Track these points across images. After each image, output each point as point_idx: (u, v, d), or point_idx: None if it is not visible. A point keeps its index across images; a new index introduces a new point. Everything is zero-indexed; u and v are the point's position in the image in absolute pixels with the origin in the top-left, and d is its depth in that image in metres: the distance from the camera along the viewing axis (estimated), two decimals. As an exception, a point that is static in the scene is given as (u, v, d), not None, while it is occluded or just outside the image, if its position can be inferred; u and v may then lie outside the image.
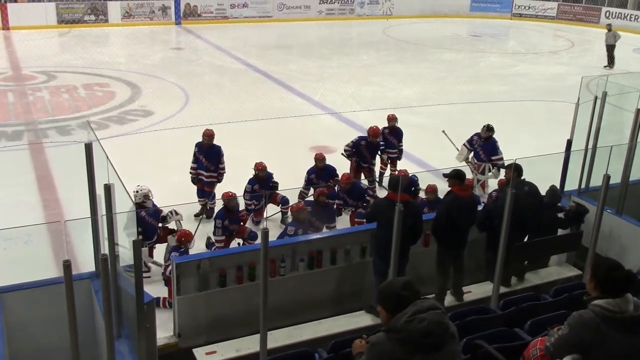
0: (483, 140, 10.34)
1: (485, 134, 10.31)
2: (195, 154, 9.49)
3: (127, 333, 5.24)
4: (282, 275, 6.77)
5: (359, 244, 7.09)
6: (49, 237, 7.96)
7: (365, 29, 29.49)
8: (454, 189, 6.92)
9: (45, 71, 18.85)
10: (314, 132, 13.87)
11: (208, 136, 9.50)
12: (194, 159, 9.49)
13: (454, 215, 6.76)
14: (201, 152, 9.44)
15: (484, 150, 10.32)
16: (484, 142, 10.34)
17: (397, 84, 18.75)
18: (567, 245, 7.51)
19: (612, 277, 3.43)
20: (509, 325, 4.75)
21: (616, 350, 3.32)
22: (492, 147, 10.30)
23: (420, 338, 2.93)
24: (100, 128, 13.37)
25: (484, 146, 10.33)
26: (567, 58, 24.00)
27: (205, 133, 9.53)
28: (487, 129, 10.30)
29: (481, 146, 10.36)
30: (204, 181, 9.48)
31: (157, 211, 8.18)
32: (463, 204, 6.84)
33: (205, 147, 9.46)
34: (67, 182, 10.14)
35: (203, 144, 9.48)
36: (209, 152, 9.43)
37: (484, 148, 10.32)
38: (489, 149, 10.30)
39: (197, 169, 9.48)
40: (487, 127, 10.32)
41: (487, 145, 10.32)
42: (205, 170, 9.44)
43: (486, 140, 10.32)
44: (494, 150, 10.28)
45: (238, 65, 20.91)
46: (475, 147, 10.45)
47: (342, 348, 4.48)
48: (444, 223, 6.81)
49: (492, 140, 10.32)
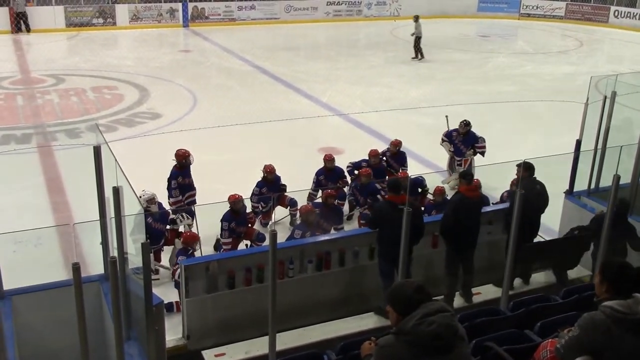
0: (462, 135, 10.73)
1: (463, 129, 10.74)
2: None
3: (136, 335, 5.25)
4: (291, 277, 6.77)
5: (368, 246, 7.08)
6: (58, 240, 7.99)
7: (373, 30, 29.48)
8: (461, 189, 6.92)
9: (54, 74, 18.94)
10: (322, 134, 13.87)
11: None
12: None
13: (462, 215, 6.74)
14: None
15: (464, 144, 10.74)
16: (463, 137, 10.73)
17: (405, 85, 18.74)
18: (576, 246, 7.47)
19: (625, 274, 3.43)
20: (518, 326, 4.72)
21: (627, 351, 3.29)
22: (472, 137, 10.77)
23: (429, 341, 2.92)
24: (108, 131, 13.42)
25: (465, 140, 10.74)
26: (575, 58, 23.90)
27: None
28: (465, 125, 10.75)
29: (461, 141, 10.76)
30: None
31: (165, 214, 8.19)
32: (471, 205, 6.82)
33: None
34: (76, 184, 10.19)
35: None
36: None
37: (465, 142, 10.75)
38: (470, 140, 10.76)
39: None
40: (465, 123, 10.77)
41: (467, 139, 10.75)
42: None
43: (465, 135, 10.72)
44: (475, 139, 10.78)
45: (246, 67, 20.95)
46: (455, 142, 10.79)
47: (351, 350, 4.47)
48: (451, 224, 6.79)
49: (470, 133, 10.76)
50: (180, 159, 8.83)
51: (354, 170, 10.09)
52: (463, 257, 6.96)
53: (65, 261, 7.29)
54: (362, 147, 10.81)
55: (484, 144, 10.76)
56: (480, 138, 10.82)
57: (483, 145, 10.74)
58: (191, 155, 8.90)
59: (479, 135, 10.85)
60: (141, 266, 4.52)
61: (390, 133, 12.49)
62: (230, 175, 10.51)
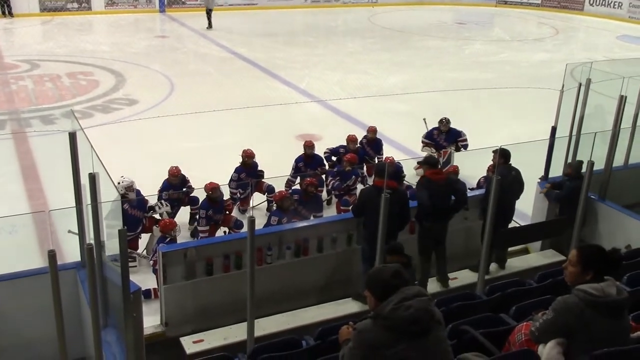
0: (445, 133, 10.71)
1: (445, 127, 10.70)
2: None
3: (113, 323, 5.23)
4: (269, 263, 6.77)
5: (346, 232, 7.10)
6: (34, 228, 7.90)
7: (351, 17, 29.41)
8: (426, 173, 6.96)
9: (28, 60, 18.63)
10: (300, 120, 13.85)
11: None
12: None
13: (432, 198, 6.76)
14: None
15: (447, 141, 10.69)
16: (446, 135, 10.71)
17: (383, 71, 18.74)
18: (552, 230, 7.58)
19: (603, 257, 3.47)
20: (494, 310, 4.77)
21: (600, 333, 3.36)
22: (454, 133, 10.74)
23: (406, 325, 2.95)
24: (84, 117, 13.25)
25: (447, 138, 10.70)
26: (551, 45, 24.08)
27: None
28: (447, 122, 10.71)
29: (444, 139, 10.72)
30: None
31: (143, 201, 8.13)
32: (437, 186, 6.83)
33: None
34: (51, 171, 10.07)
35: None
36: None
37: (448, 139, 10.70)
38: (453, 136, 10.72)
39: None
40: (447, 121, 10.73)
41: (449, 136, 10.72)
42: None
43: (447, 133, 10.71)
44: (458, 134, 10.74)
45: (223, 54, 20.79)
46: (437, 140, 10.74)
47: (329, 335, 4.49)
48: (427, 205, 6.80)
49: (452, 130, 10.74)
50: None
51: (331, 157, 10.10)
52: (435, 242, 7.02)
53: (41, 249, 7.21)
54: (340, 133, 10.81)
55: (465, 137, 10.73)
56: (461, 132, 10.79)
57: (465, 139, 10.71)
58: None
59: (459, 129, 10.81)
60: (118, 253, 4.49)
61: (368, 119, 12.51)
62: (208, 163, 10.45)
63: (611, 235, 7.42)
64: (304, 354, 4.53)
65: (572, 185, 7.39)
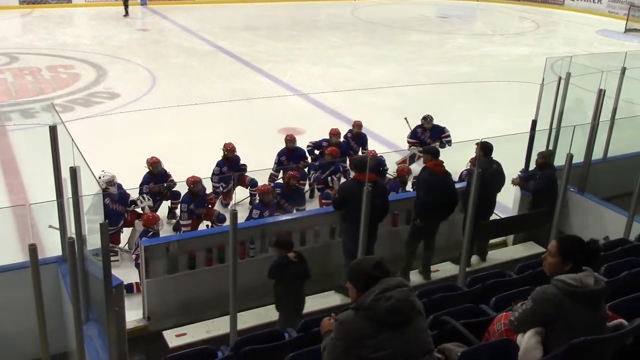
0: (429, 130, 10.73)
1: (428, 124, 10.72)
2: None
3: (95, 317, 5.22)
4: (252, 256, 6.78)
5: (328, 225, 7.13)
6: (14, 222, 7.84)
7: (334, 11, 29.37)
8: (428, 164, 6.98)
9: (7, 53, 18.41)
10: (283, 114, 13.83)
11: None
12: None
13: (435, 190, 6.80)
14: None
15: (432, 137, 10.69)
16: (430, 132, 10.74)
17: (366, 65, 18.77)
18: (531, 223, 7.65)
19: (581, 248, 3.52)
20: (474, 301, 4.81)
21: (578, 323, 3.40)
22: (438, 130, 10.76)
23: (387, 315, 2.97)
24: (65, 111, 13.14)
25: (432, 135, 10.71)
26: (532, 39, 24.24)
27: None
28: (430, 120, 10.73)
29: (429, 136, 10.73)
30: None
31: (124, 195, 8.09)
32: (440, 179, 6.88)
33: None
34: (31, 165, 9.97)
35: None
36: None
37: (432, 136, 10.71)
38: (437, 133, 10.73)
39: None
40: (430, 118, 10.74)
41: (434, 133, 10.73)
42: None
43: (431, 130, 10.74)
44: (442, 130, 10.78)
45: (205, 47, 20.69)
46: (421, 138, 10.76)
47: (312, 327, 4.51)
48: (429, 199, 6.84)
49: (435, 127, 10.77)
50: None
51: (314, 150, 10.10)
52: (427, 233, 7.06)
53: (22, 243, 7.16)
54: (322, 127, 10.81)
55: (448, 133, 10.75)
56: (445, 128, 10.82)
57: (448, 135, 10.72)
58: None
59: (442, 126, 10.83)
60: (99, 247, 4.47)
61: (351, 113, 12.54)
62: (190, 156, 10.42)
63: (589, 227, 7.51)
64: (286, 346, 4.54)
65: (543, 174, 7.48)
